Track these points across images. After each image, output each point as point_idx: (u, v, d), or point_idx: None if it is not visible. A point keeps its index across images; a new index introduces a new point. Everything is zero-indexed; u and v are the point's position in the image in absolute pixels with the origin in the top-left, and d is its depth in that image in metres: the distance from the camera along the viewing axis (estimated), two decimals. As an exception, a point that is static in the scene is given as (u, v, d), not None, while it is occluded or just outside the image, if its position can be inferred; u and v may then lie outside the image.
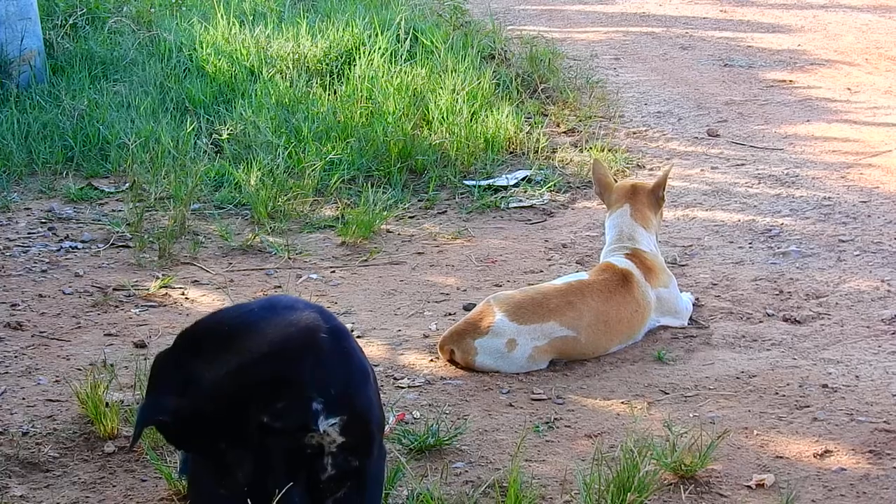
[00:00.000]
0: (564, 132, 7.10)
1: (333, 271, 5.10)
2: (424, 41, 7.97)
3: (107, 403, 3.54)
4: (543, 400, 3.88)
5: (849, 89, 8.07)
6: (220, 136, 6.48)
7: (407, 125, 6.50)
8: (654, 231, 4.57)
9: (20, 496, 3.21)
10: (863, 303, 4.61)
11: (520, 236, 5.56)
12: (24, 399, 3.80)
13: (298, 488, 2.63)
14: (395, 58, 7.58)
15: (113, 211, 5.79)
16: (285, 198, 5.76)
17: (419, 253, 5.32)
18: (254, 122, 6.57)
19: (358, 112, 6.75)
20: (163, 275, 4.96)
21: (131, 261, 5.15)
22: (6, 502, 3.16)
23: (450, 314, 4.59)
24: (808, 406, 3.76)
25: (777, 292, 4.75)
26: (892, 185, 5.99)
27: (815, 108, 7.60)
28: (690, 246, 5.31)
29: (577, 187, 6.18)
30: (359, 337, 4.31)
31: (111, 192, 6.06)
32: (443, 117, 6.69)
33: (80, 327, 4.45)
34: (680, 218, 5.68)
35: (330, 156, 6.16)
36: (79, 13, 8.14)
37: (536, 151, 6.58)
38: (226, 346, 2.61)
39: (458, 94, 6.91)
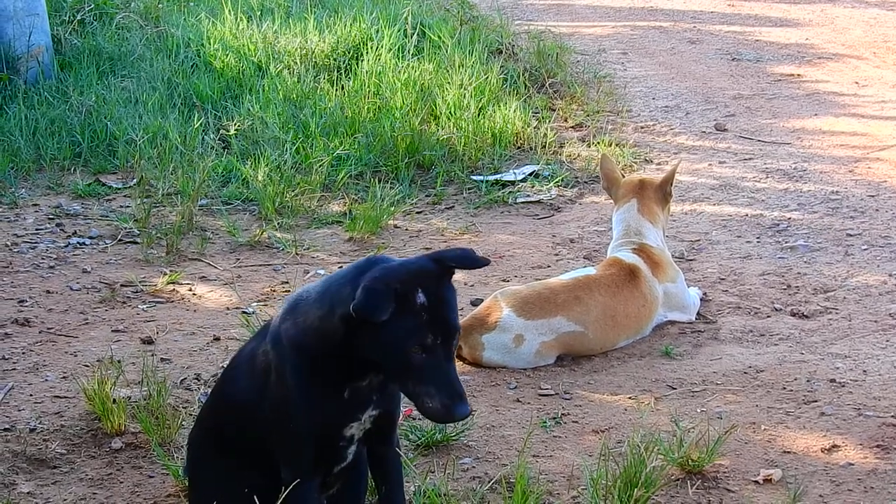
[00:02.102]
0: (572, 127, 7.09)
1: (341, 267, 5.10)
2: (432, 36, 7.96)
3: (114, 400, 3.54)
4: (550, 395, 3.88)
5: (857, 83, 8.05)
6: (228, 131, 6.48)
7: (414, 120, 6.49)
8: (662, 226, 4.56)
9: (27, 493, 3.21)
10: (870, 297, 4.60)
11: (527, 231, 5.55)
12: (31, 395, 3.80)
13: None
14: (403, 53, 7.58)
15: (120, 207, 5.80)
16: (293, 193, 5.76)
17: (427, 248, 5.32)
18: (261, 117, 6.57)
19: (365, 107, 6.75)
20: (170, 271, 4.96)
21: (139, 257, 5.15)
22: (14, 499, 3.16)
23: (457, 309, 4.58)
24: (815, 401, 3.75)
25: (785, 287, 4.74)
26: (900, 179, 5.97)
27: (822, 102, 7.58)
28: (698, 240, 5.31)
29: (585, 182, 6.17)
30: (366, 332, 4.31)
31: (119, 188, 6.07)
32: (450, 112, 6.68)
33: (87, 323, 4.45)
34: (687, 212, 5.67)
35: (337, 151, 6.16)
36: (86, 9, 8.14)
37: (544, 146, 6.57)
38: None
39: (465, 89, 6.90)
